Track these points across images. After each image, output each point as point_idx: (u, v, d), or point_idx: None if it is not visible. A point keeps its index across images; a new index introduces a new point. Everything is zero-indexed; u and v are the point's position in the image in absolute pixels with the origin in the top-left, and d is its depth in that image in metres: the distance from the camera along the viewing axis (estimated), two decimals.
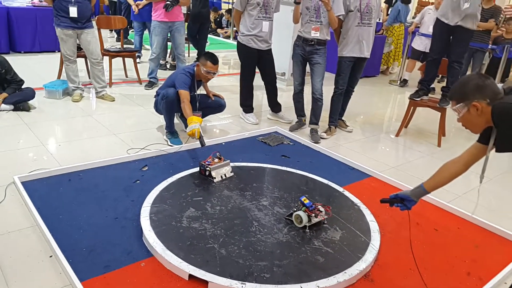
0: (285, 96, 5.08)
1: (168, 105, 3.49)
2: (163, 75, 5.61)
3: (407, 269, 2.24)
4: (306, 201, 2.45)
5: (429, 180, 1.96)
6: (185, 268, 2.01)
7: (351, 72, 4.04)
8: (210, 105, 3.88)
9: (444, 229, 2.67)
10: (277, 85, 4.46)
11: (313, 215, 2.43)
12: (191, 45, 6.79)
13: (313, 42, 3.89)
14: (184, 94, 3.39)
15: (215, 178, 2.92)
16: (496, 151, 1.72)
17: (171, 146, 3.51)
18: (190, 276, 1.99)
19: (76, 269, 1.96)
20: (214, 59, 3.50)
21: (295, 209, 2.50)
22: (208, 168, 2.93)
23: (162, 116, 3.69)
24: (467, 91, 1.66)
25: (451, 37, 4.08)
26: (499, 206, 3.08)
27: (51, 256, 2.09)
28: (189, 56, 6.87)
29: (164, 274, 2.03)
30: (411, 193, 1.99)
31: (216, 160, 3.02)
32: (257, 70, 4.32)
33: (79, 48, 4.51)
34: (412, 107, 4.42)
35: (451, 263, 2.34)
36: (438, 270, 2.26)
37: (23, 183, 2.69)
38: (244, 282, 1.96)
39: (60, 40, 4.31)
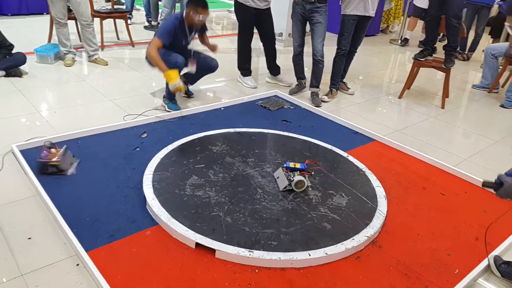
0: (282, 58, 4.92)
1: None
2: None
3: (415, 234, 2.23)
4: (298, 166, 2.45)
5: None
6: (192, 237, 1.98)
7: (354, 32, 3.87)
8: (201, 66, 3.55)
9: (451, 193, 2.64)
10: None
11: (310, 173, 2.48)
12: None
13: (313, 0, 3.71)
14: (154, 42, 3.15)
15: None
16: None
17: (169, 111, 3.41)
18: (197, 244, 1.97)
19: (81, 239, 1.93)
20: (203, 2, 3.23)
21: (289, 178, 2.41)
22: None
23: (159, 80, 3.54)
24: None
25: None
26: (504, 169, 3.04)
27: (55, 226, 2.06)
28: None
29: (171, 243, 2.01)
30: None
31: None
32: (255, 31, 4.16)
33: (69, 10, 4.30)
34: (416, 68, 4.31)
35: (458, 228, 2.31)
36: (446, 236, 2.24)
37: (21, 152, 2.62)
38: (251, 250, 1.94)
39: (49, 2, 4.10)
